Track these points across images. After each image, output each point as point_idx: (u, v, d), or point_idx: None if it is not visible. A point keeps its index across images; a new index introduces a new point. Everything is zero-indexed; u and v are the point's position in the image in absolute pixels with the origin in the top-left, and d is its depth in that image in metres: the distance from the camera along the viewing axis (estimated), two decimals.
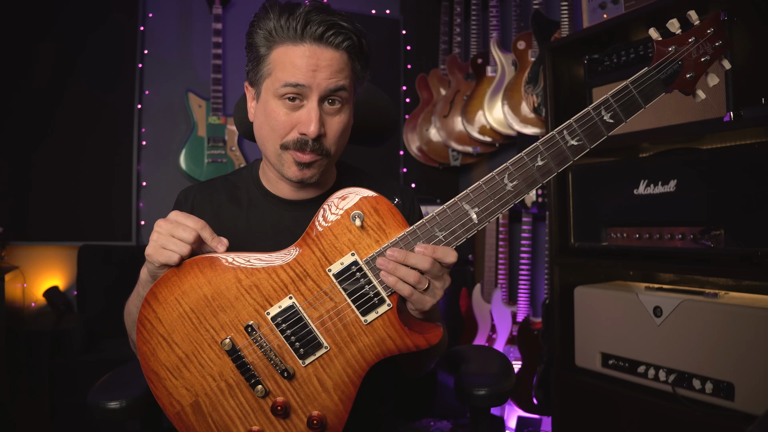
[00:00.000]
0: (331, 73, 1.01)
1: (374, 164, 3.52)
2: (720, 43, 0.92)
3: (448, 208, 0.93)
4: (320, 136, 1.03)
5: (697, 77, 0.93)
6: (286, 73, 1.01)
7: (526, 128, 2.66)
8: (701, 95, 0.96)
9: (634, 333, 1.73)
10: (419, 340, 0.95)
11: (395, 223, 0.94)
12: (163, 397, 0.98)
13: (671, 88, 0.93)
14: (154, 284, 0.97)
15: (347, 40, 1.02)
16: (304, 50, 1.00)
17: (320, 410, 0.97)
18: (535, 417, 2.56)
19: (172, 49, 3.34)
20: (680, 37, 0.93)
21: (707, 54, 0.93)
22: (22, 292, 2.91)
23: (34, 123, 3.00)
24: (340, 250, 0.94)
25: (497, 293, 2.83)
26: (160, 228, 0.95)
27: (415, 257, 0.91)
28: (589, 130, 0.92)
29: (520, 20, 2.93)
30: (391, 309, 0.94)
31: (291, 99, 1.02)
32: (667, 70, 0.93)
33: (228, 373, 0.97)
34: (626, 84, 0.92)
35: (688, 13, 0.93)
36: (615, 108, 0.92)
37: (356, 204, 0.94)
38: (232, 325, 0.96)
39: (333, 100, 1.04)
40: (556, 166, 0.92)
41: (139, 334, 0.97)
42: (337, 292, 0.95)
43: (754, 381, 1.44)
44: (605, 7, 1.94)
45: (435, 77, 3.39)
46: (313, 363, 0.96)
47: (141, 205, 3.23)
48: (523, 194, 0.92)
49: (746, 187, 1.51)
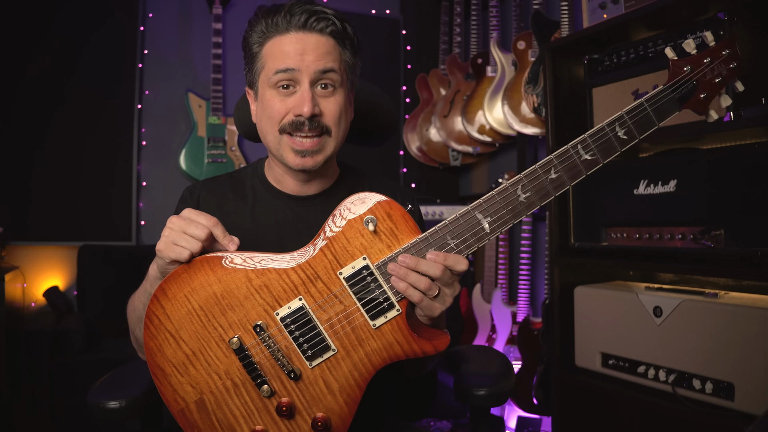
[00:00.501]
0: (318, 55, 1.05)
1: (374, 164, 3.52)
2: (734, 65, 0.93)
3: (461, 216, 0.93)
4: (315, 115, 1.06)
5: (710, 98, 0.94)
6: (276, 62, 1.06)
7: (526, 128, 2.66)
8: (714, 115, 0.97)
9: (634, 333, 1.73)
10: (427, 347, 0.96)
11: (408, 229, 0.94)
12: (167, 394, 0.98)
13: (685, 107, 0.94)
14: (164, 280, 0.97)
15: (331, 25, 1.07)
16: (291, 38, 1.06)
17: (325, 412, 0.97)
18: (535, 417, 2.56)
19: (172, 49, 3.34)
20: (696, 58, 0.94)
21: (721, 75, 0.94)
22: (22, 292, 2.91)
23: (34, 123, 3.00)
24: (352, 253, 0.95)
25: (497, 293, 2.83)
26: (172, 224, 0.96)
27: (426, 264, 0.92)
28: (603, 145, 0.93)
29: (520, 20, 2.93)
30: (400, 314, 0.94)
31: (285, 87, 1.07)
32: (682, 90, 0.94)
33: (234, 371, 0.97)
34: (641, 101, 0.93)
35: (704, 34, 0.95)
36: (629, 125, 0.93)
37: (370, 209, 0.94)
38: (241, 324, 0.96)
39: (325, 84, 1.07)
40: (569, 180, 0.93)
41: (146, 329, 0.97)
42: (348, 295, 0.95)
43: (754, 381, 1.44)
44: (605, 7, 1.94)
45: (435, 77, 3.39)
46: (320, 365, 0.96)
47: (141, 205, 3.23)
48: (536, 206, 0.93)
49: (746, 187, 1.51)
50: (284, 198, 1.19)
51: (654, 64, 1.73)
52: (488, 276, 2.92)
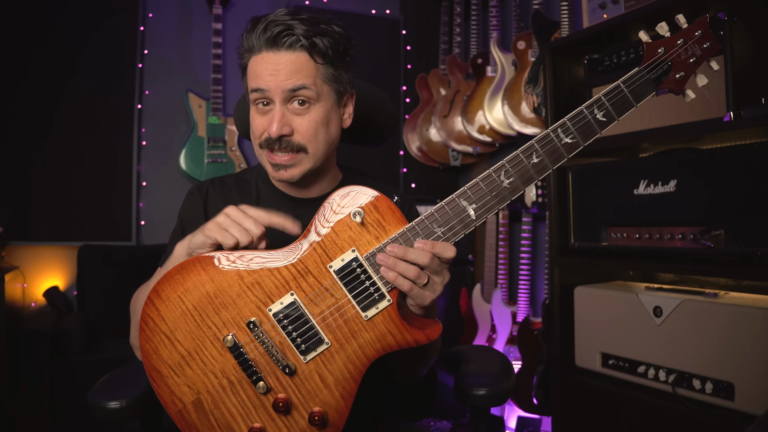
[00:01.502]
0: (288, 74, 1.06)
1: (374, 164, 3.52)
2: (708, 44, 0.95)
3: (446, 204, 0.95)
4: (285, 135, 1.08)
5: (686, 77, 0.97)
6: (252, 81, 1.09)
7: (526, 128, 2.66)
8: (691, 95, 0.99)
9: (634, 333, 1.73)
10: (419, 336, 0.96)
11: (395, 220, 0.95)
12: (165, 396, 0.98)
13: (661, 87, 0.97)
14: (157, 282, 0.97)
15: (298, 43, 1.05)
16: (263, 57, 1.07)
17: (321, 406, 0.97)
18: (535, 417, 2.56)
19: (172, 49, 3.34)
20: (669, 39, 0.97)
21: (695, 55, 0.96)
22: (22, 292, 2.91)
23: (34, 123, 3.00)
24: (341, 246, 0.96)
25: (497, 293, 2.83)
26: (230, 213, 0.98)
27: (414, 252, 0.92)
28: (582, 128, 0.95)
29: (520, 20, 2.93)
30: (391, 304, 0.95)
31: (264, 104, 1.09)
32: (657, 71, 0.96)
33: (230, 370, 0.97)
34: (618, 83, 0.95)
35: (677, 17, 0.97)
36: (607, 106, 0.95)
37: (356, 201, 0.95)
38: (234, 322, 0.96)
39: (301, 101, 1.08)
40: (551, 163, 0.95)
41: (141, 332, 0.97)
42: (338, 288, 0.96)
43: (754, 381, 1.44)
44: (605, 7, 1.94)
45: (435, 77, 3.39)
46: (314, 359, 0.97)
47: (141, 205, 3.23)
48: (520, 190, 0.95)
49: (746, 187, 1.51)
50: (287, 200, 1.20)
51: None
52: (488, 276, 2.92)
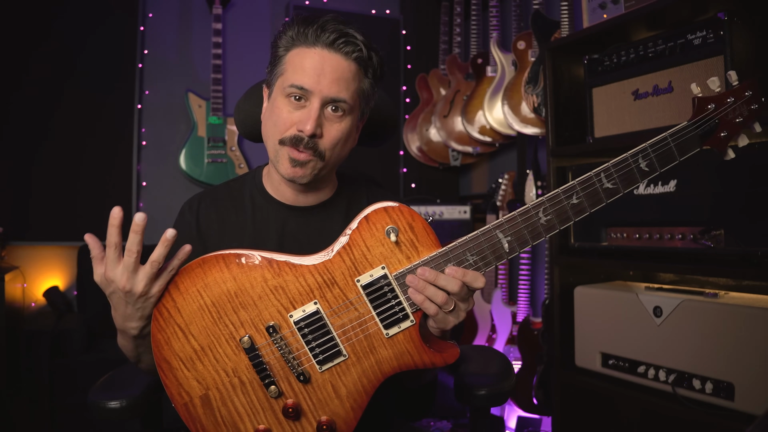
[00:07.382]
0: (334, 79, 1.05)
1: (374, 164, 3.52)
2: (755, 107, 0.94)
3: (482, 234, 0.94)
4: (315, 135, 1.06)
5: (729, 137, 0.95)
6: (295, 75, 1.06)
7: (526, 128, 2.66)
8: (731, 154, 0.98)
9: (634, 333, 1.73)
10: (437, 359, 0.97)
11: (429, 242, 0.95)
12: (172, 387, 0.98)
13: (706, 144, 0.96)
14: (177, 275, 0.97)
15: (357, 50, 1.06)
16: (315, 53, 1.05)
17: (330, 416, 0.97)
18: (535, 417, 2.56)
19: (172, 49, 3.34)
20: (720, 96, 0.95)
21: (742, 116, 0.95)
22: (22, 292, 2.91)
23: (34, 123, 3.00)
24: (371, 262, 0.95)
25: (497, 293, 2.83)
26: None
27: (445, 279, 0.92)
28: (625, 175, 0.94)
29: (520, 20, 2.93)
30: (413, 325, 0.95)
31: (297, 98, 1.06)
32: (704, 127, 0.95)
33: (243, 370, 0.97)
34: (665, 135, 0.94)
35: (729, 73, 0.96)
36: (652, 157, 0.94)
37: (392, 219, 0.95)
38: (253, 324, 0.96)
39: (336, 107, 1.07)
40: (590, 206, 0.94)
41: (154, 321, 0.97)
42: (363, 303, 0.96)
43: (754, 381, 1.44)
44: (605, 7, 1.94)
45: (435, 77, 3.39)
46: (329, 369, 0.97)
47: (141, 205, 3.23)
48: (556, 229, 0.94)
49: (746, 187, 1.51)
50: (283, 209, 1.19)
51: (654, 64, 1.73)
52: (488, 276, 2.93)
